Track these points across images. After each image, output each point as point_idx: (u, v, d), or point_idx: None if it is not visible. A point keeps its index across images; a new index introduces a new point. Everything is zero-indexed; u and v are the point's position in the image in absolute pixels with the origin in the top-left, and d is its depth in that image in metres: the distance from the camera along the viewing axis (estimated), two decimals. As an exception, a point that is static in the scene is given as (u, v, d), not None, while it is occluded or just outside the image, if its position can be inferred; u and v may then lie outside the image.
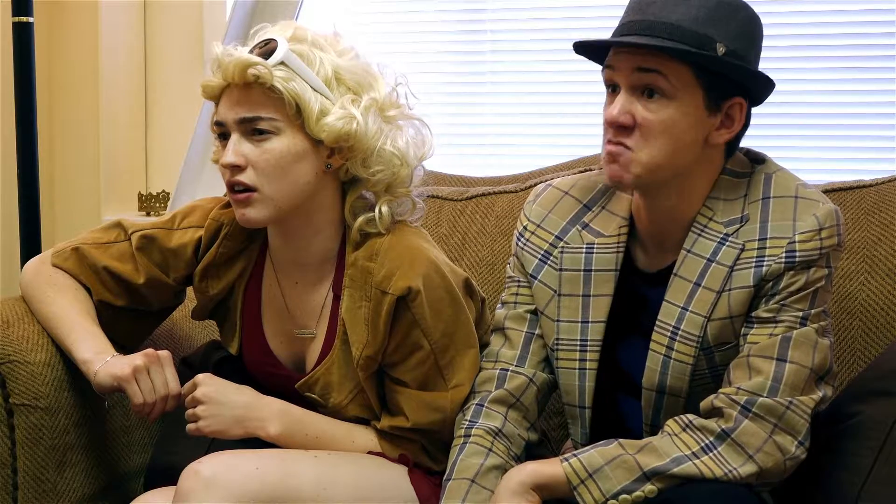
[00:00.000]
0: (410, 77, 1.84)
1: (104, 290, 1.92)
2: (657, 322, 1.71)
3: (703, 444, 1.61)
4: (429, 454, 1.85)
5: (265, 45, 1.73)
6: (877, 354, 1.94)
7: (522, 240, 1.85)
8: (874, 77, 2.64)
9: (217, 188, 2.51)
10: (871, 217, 2.05)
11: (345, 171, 1.81)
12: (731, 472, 1.58)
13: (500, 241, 2.27)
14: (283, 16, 2.71)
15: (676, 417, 1.65)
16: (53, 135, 3.07)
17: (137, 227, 1.94)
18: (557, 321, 1.79)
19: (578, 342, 1.77)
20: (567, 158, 2.41)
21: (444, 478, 1.74)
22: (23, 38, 2.55)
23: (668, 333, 1.69)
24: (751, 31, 1.66)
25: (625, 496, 1.60)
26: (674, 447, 1.61)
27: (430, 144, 1.86)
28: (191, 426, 1.78)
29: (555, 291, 1.80)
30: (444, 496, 1.71)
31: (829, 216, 1.65)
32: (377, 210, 1.81)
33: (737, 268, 1.66)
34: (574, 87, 2.87)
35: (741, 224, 1.68)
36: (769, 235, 1.65)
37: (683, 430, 1.63)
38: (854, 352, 1.99)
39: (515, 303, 1.85)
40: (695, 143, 1.65)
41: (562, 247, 1.80)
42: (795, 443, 1.61)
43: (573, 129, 2.89)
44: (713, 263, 1.67)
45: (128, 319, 1.96)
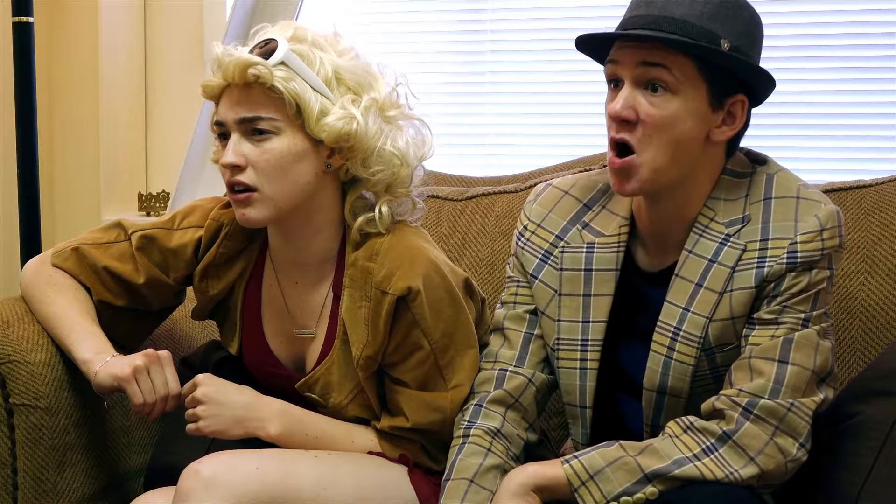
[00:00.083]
0: (410, 77, 1.84)
1: (104, 290, 1.92)
2: (658, 322, 1.70)
3: (705, 446, 1.60)
4: (429, 454, 1.85)
5: (265, 45, 1.73)
6: (877, 354, 1.94)
7: (523, 239, 1.85)
8: (874, 77, 2.64)
9: (217, 188, 2.50)
10: (871, 217, 2.04)
11: (345, 171, 1.81)
12: (733, 474, 1.58)
13: (500, 241, 2.26)
14: (283, 16, 2.71)
15: (677, 419, 1.65)
16: (53, 135, 3.07)
17: (137, 227, 1.94)
18: (558, 321, 1.79)
19: (579, 342, 1.77)
20: (567, 158, 2.40)
21: (443, 478, 1.74)
22: (23, 38, 2.55)
23: (670, 334, 1.69)
24: (753, 30, 1.66)
25: (626, 498, 1.59)
26: (675, 449, 1.61)
27: (430, 144, 1.86)
28: (191, 426, 1.78)
29: (555, 291, 1.80)
30: (444, 496, 1.71)
31: (831, 217, 1.65)
32: (377, 210, 1.81)
33: (738, 268, 1.66)
34: (574, 87, 2.87)
35: (742, 224, 1.68)
36: (771, 236, 1.65)
37: (684, 432, 1.63)
38: (854, 352, 1.99)
39: (515, 303, 1.85)
40: (697, 140, 1.65)
41: (562, 246, 1.80)
42: (797, 445, 1.61)
43: (573, 129, 2.89)
44: (715, 264, 1.67)
45: (128, 319, 1.96)
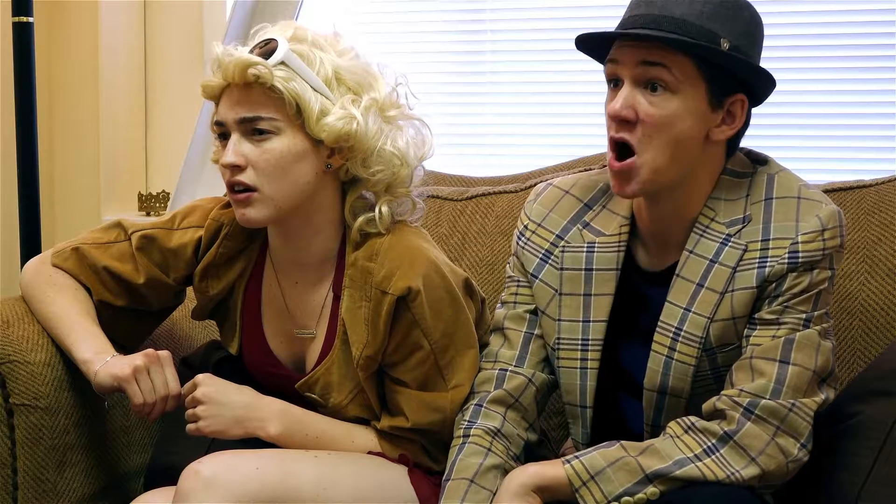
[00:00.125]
0: (410, 77, 1.84)
1: (104, 290, 1.92)
2: (659, 322, 1.70)
3: (706, 447, 1.60)
4: (429, 454, 1.85)
5: (265, 45, 1.73)
6: (877, 354, 1.94)
7: (523, 239, 1.85)
8: (874, 77, 2.64)
9: (217, 188, 2.50)
10: (871, 217, 2.04)
11: (345, 171, 1.81)
12: (734, 475, 1.58)
13: (500, 241, 2.26)
14: (283, 16, 2.71)
15: (678, 419, 1.65)
16: (53, 135, 3.07)
17: (137, 227, 1.94)
18: (559, 320, 1.79)
19: (580, 341, 1.77)
20: (567, 158, 2.40)
21: (444, 478, 1.74)
22: (23, 38, 2.55)
23: (671, 334, 1.69)
24: (754, 30, 1.66)
25: (627, 498, 1.59)
26: (676, 449, 1.61)
27: (430, 144, 1.86)
28: (191, 426, 1.78)
29: (556, 291, 1.79)
30: (444, 496, 1.71)
31: (832, 217, 1.65)
32: (377, 210, 1.81)
33: (740, 269, 1.66)
34: (574, 87, 2.87)
35: (743, 224, 1.67)
36: (772, 236, 1.65)
37: (686, 432, 1.62)
38: (854, 352, 1.99)
39: (515, 303, 1.85)
40: (696, 140, 1.65)
41: (563, 246, 1.80)
42: (798, 445, 1.61)
43: (573, 129, 2.89)
44: (716, 264, 1.67)
45: (128, 319, 1.96)
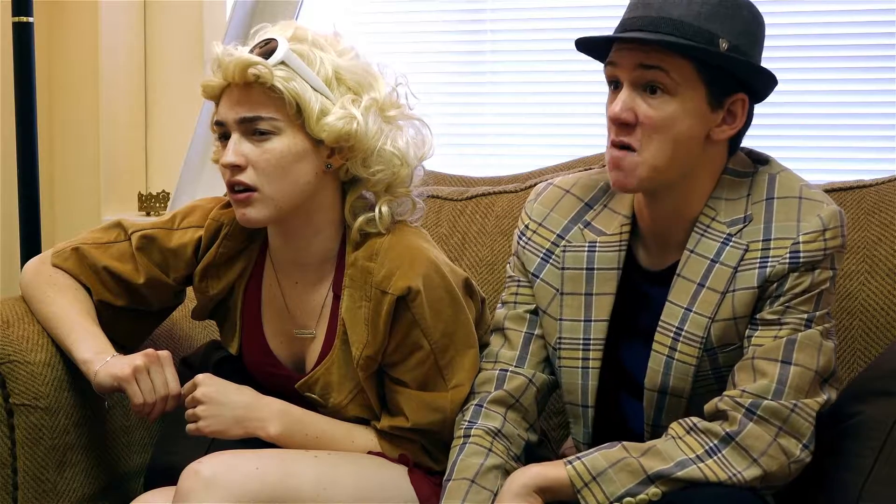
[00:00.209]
0: (410, 77, 1.84)
1: (104, 290, 1.91)
2: (660, 322, 1.70)
3: (708, 448, 1.60)
4: (429, 454, 1.84)
5: (265, 45, 1.73)
6: (877, 354, 1.94)
7: (524, 239, 1.84)
8: (874, 77, 2.64)
9: (217, 188, 2.50)
10: (871, 217, 2.04)
11: (345, 171, 1.81)
12: (736, 476, 1.58)
13: (500, 241, 2.26)
14: (283, 16, 2.71)
15: (680, 420, 1.65)
16: (53, 135, 3.07)
17: (137, 227, 1.94)
18: (560, 320, 1.78)
19: (581, 341, 1.77)
20: (567, 158, 2.40)
21: (444, 478, 1.74)
22: (23, 38, 2.55)
23: (672, 334, 1.69)
24: (754, 29, 1.66)
25: (629, 499, 1.59)
26: (678, 450, 1.60)
27: (430, 144, 1.86)
28: (191, 426, 1.78)
29: (557, 290, 1.79)
30: (444, 496, 1.71)
31: (833, 217, 1.65)
32: (377, 210, 1.81)
33: (741, 269, 1.66)
34: (574, 87, 2.87)
35: (744, 224, 1.67)
36: (773, 236, 1.65)
37: (687, 433, 1.62)
38: (854, 352, 1.99)
39: (515, 303, 1.84)
40: (697, 140, 1.65)
41: (564, 245, 1.80)
42: (800, 446, 1.60)
43: (573, 129, 2.88)
44: (717, 264, 1.67)
45: (128, 319, 1.95)
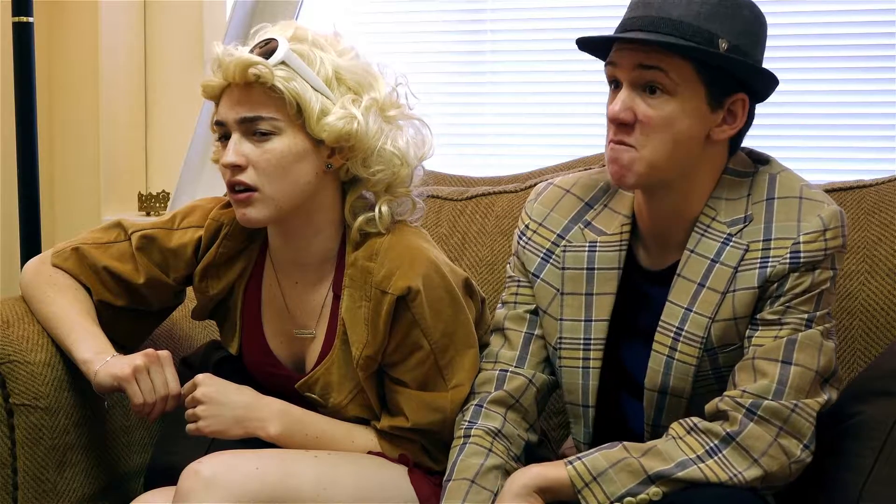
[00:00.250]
0: (410, 77, 1.84)
1: (104, 290, 1.91)
2: (660, 323, 1.70)
3: (708, 448, 1.60)
4: (429, 454, 1.84)
5: (266, 45, 1.73)
6: (877, 354, 1.94)
7: (524, 239, 1.84)
8: (874, 77, 2.64)
9: (217, 188, 2.50)
10: (871, 217, 2.04)
11: (345, 171, 1.81)
12: (736, 476, 1.58)
13: (500, 241, 2.26)
14: (283, 16, 2.71)
15: (681, 420, 1.65)
16: (53, 135, 3.07)
17: (137, 227, 1.94)
18: (560, 320, 1.78)
19: (582, 341, 1.77)
20: (567, 158, 2.40)
21: (444, 478, 1.74)
22: (23, 38, 2.55)
23: (672, 334, 1.69)
24: (756, 29, 1.65)
25: (629, 499, 1.59)
26: (678, 450, 1.60)
27: (431, 144, 1.86)
28: (191, 426, 1.78)
29: (558, 290, 1.79)
30: (445, 496, 1.71)
31: (834, 217, 1.65)
32: (377, 210, 1.81)
33: (741, 269, 1.65)
34: (574, 87, 2.87)
35: (745, 224, 1.67)
36: (773, 236, 1.64)
37: (688, 433, 1.62)
38: (854, 352, 1.99)
39: (515, 303, 1.84)
40: (696, 140, 1.65)
41: (564, 245, 1.80)
42: (801, 446, 1.60)
43: (573, 129, 2.88)
44: (717, 264, 1.67)
45: (128, 319, 1.95)
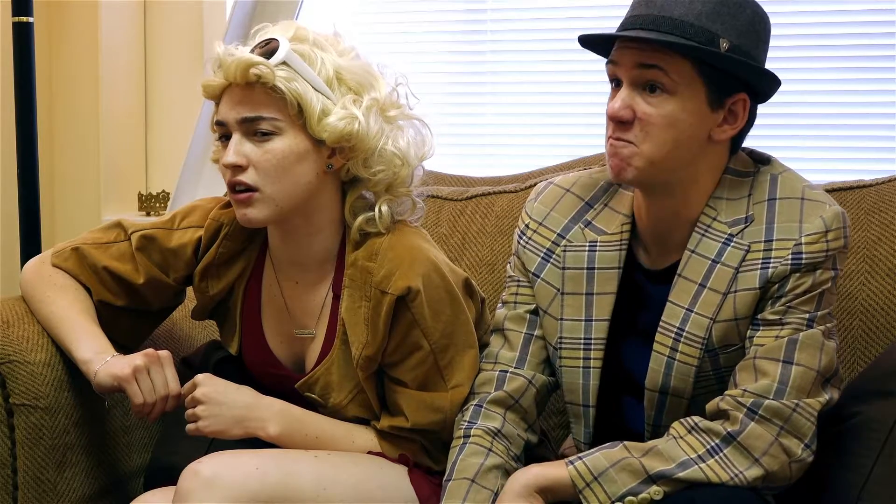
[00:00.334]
0: (411, 77, 1.84)
1: (104, 290, 1.91)
2: (661, 323, 1.70)
3: (709, 447, 1.60)
4: (429, 454, 1.84)
5: (266, 45, 1.73)
6: (877, 354, 1.94)
7: (524, 238, 1.84)
8: (875, 77, 2.64)
9: (217, 188, 2.50)
10: (871, 217, 2.04)
11: (345, 171, 1.81)
12: (737, 476, 1.58)
13: (500, 241, 2.26)
14: (284, 16, 2.71)
15: (682, 419, 1.65)
16: (53, 135, 3.07)
17: (137, 227, 1.94)
18: (561, 320, 1.78)
19: (582, 341, 1.77)
20: (567, 158, 2.40)
21: (444, 478, 1.74)
22: (23, 38, 2.55)
23: (672, 335, 1.69)
24: (757, 28, 1.65)
25: (630, 498, 1.59)
26: (679, 450, 1.60)
27: (431, 144, 1.86)
28: (191, 426, 1.78)
29: (558, 290, 1.79)
30: (445, 496, 1.71)
31: (836, 218, 1.64)
32: (377, 210, 1.81)
33: (742, 269, 1.65)
34: (574, 87, 2.87)
35: (746, 224, 1.67)
36: (775, 237, 1.64)
37: (689, 433, 1.62)
38: (854, 352, 1.99)
39: (515, 303, 1.84)
40: (697, 139, 1.64)
41: (564, 245, 1.79)
42: (801, 445, 1.60)
43: (573, 129, 2.88)
44: (718, 265, 1.66)
45: (128, 319, 1.95)
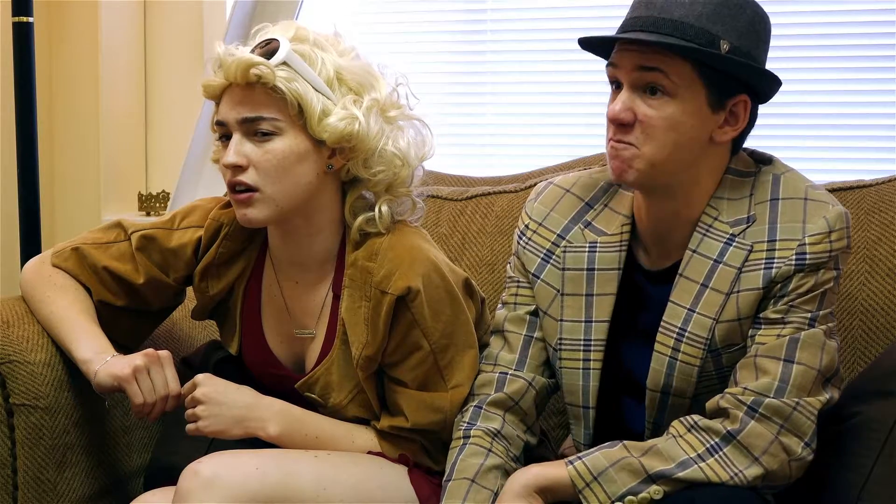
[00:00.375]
0: (410, 77, 1.84)
1: (104, 290, 1.91)
2: (662, 323, 1.70)
3: (709, 446, 1.60)
4: (429, 454, 1.84)
5: (267, 45, 1.73)
6: (877, 354, 1.94)
7: (524, 239, 1.84)
8: (875, 77, 2.64)
9: (217, 188, 2.50)
10: (871, 217, 2.04)
11: (346, 172, 1.81)
12: (737, 476, 1.58)
13: (500, 241, 2.26)
14: (284, 16, 2.71)
15: (682, 418, 1.64)
16: (53, 135, 3.06)
17: (137, 227, 1.94)
18: (561, 321, 1.78)
19: (582, 342, 1.76)
20: (567, 158, 2.40)
21: (444, 478, 1.74)
22: (23, 38, 2.55)
23: (674, 335, 1.68)
24: (758, 28, 1.65)
25: (630, 497, 1.59)
26: (679, 450, 1.60)
27: (431, 145, 1.86)
28: (191, 426, 1.78)
29: (558, 291, 1.79)
30: (445, 496, 1.71)
31: (839, 218, 1.64)
32: (377, 210, 1.81)
33: (745, 269, 1.65)
34: (574, 87, 2.87)
35: (748, 224, 1.67)
36: (778, 237, 1.64)
37: (689, 431, 1.62)
38: (854, 352, 1.99)
39: (515, 304, 1.84)
40: (698, 141, 1.64)
41: (564, 245, 1.79)
42: (802, 444, 1.60)
43: (573, 129, 2.88)
44: (720, 265, 1.66)
45: (128, 319, 1.95)
